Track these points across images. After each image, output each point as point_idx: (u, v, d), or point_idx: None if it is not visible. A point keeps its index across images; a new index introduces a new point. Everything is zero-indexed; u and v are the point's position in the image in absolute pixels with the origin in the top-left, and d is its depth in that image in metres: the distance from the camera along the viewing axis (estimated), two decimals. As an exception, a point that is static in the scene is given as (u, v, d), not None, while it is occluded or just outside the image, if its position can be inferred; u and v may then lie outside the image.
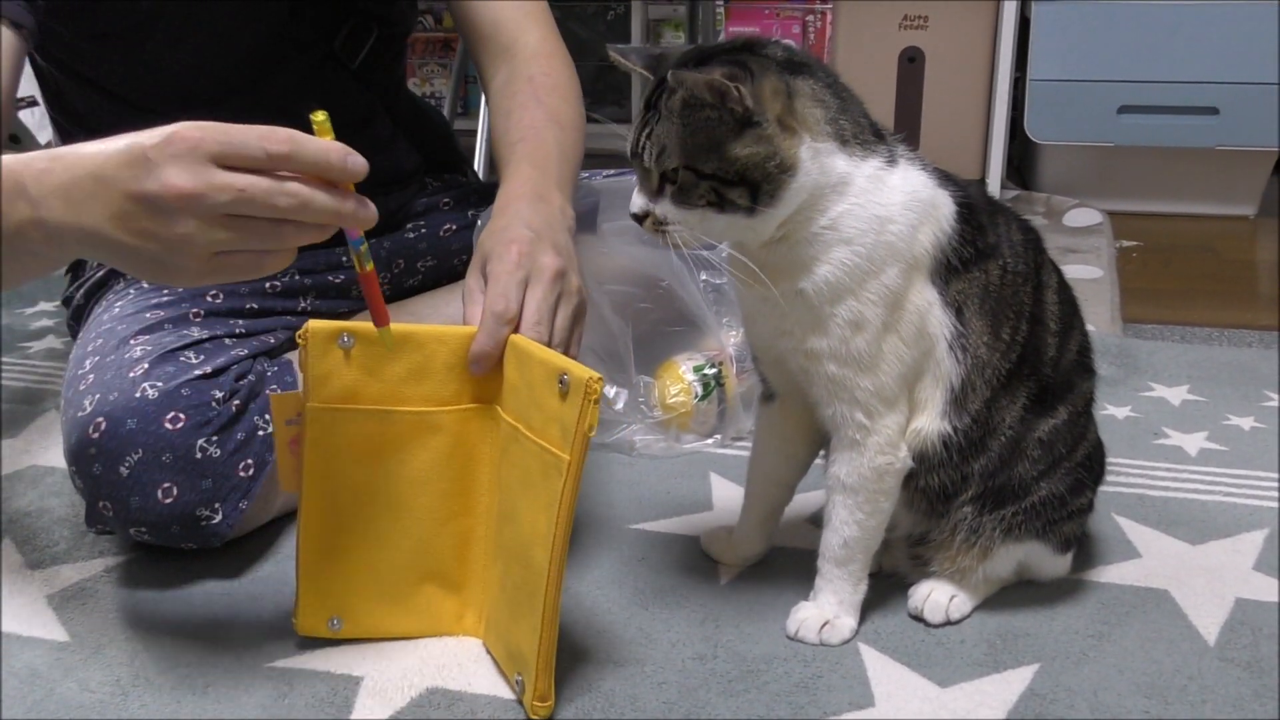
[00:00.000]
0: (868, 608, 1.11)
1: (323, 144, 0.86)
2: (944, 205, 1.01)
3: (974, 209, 1.04)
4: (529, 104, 1.29)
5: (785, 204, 0.95)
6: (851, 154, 0.97)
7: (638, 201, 0.98)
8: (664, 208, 0.97)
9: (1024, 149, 2.83)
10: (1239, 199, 2.64)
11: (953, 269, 1.01)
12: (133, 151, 0.84)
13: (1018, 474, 1.07)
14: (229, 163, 0.83)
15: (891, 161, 1.00)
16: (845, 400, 1.02)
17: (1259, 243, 2.53)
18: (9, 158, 0.90)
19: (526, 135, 1.25)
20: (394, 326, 1.01)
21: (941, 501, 1.08)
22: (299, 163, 0.85)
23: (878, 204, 0.98)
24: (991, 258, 1.04)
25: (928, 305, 1.00)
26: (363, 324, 1.03)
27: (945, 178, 1.04)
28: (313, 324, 1.01)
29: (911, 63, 2.60)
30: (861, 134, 0.99)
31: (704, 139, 0.93)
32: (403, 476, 1.05)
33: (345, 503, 1.05)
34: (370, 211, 0.89)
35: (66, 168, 0.87)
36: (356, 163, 0.87)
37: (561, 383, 0.92)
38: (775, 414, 1.14)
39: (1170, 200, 2.68)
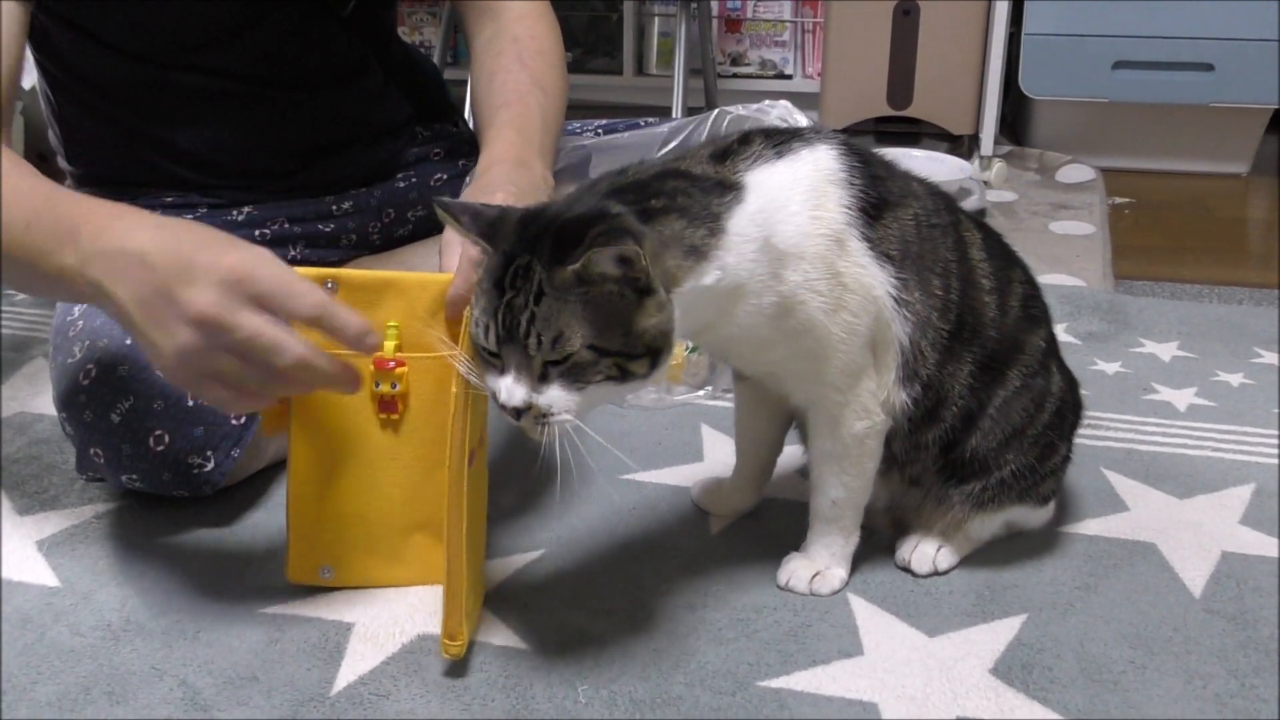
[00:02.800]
0: (857, 559, 1.11)
1: (347, 318, 0.91)
2: (825, 160, 0.97)
3: (864, 154, 1.00)
4: (513, 67, 1.28)
5: (674, 348, 0.91)
6: (711, 252, 0.90)
7: (516, 394, 0.87)
8: (552, 396, 0.87)
9: (1018, 104, 2.82)
10: (1232, 156, 2.63)
11: (869, 215, 0.97)
12: (183, 254, 0.89)
13: (974, 447, 1.06)
14: (263, 305, 0.89)
15: (740, 195, 0.92)
16: (815, 383, 1.01)
17: (1250, 200, 2.53)
18: (72, 197, 0.99)
19: (510, 100, 1.24)
20: (376, 273, 1.01)
21: (900, 469, 1.09)
22: (322, 328, 0.91)
23: (750, 240, 0.92)
24: (900, 205, 1.00)
25: (861, 267, 0.97)
26: (347, 270, 1.03)
27: (815, 136, 0.99)
28: (298, 270, 1.01)
29: (906, 16, 2.58)
30: (713, 222, 0.90)
31: (607, 315, 0.85)
32: (388, 424, 1.04)
33: (333, 452, 1.05)
34: (356, 387, 0.95)
35: (121, 234, 0.93)
36: (372, 344, 0.93)
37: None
38: (751, 386, 1.14)
39: (1163, 157, 2.67)
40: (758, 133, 0.98)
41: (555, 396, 0.87)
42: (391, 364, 1.01)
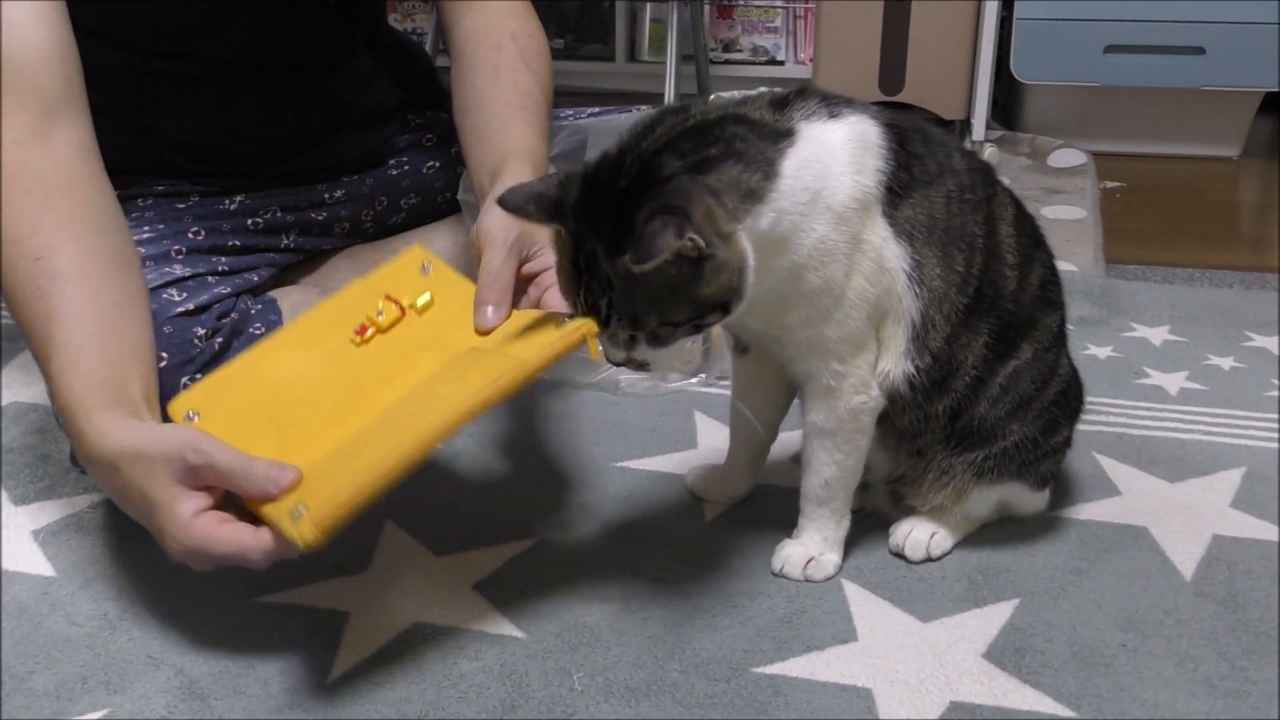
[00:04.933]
0: (850, 545, 1.12)
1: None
2: (869, 131, 0.98)
3: (902, 130, 1.01)
4: (519, 66, 1.28)
5: (751, 287, 0.92)
6: (767, 195, 0.92)
7: (615, 354, 0.96)
8: (642, 353, 0.95)
9: (1009, 89, 2.82)
10: (1223, 140, 2.64)
11: (895, 194, 0.99)
12: (135, 508, 0.93)
13: (982, 415, 1.07)
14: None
15: (794, 141, 0.94)
16: (818, 353, 1.02)
17: (1242, 184, 2.54)
18: (71, 395, 0.95)
19: (527, 104, 1.25)
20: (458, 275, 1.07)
21: (909, 440, 1.09)
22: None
23: (804, 189, 0.94)
24: (933, 185, 1.01)
25: (882, 240, 0.99)
26: (444, 266, 1.09)
27: (860, 107, 1.00)
28: (418, 246, 1.11)
29: (898, 1, 2.58)
30: (768, 167, 0.92)
31: (669, 294, 0.89)
32: (350, 341, 1.04)
33: (307, 349, 1.05)
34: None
35: (88, 457, 0.94)
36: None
37: (566, 318, 0.97)
38: (750, 363, 1.14)
39: (1154, 141, 2.67)
40: (814, 91, 1.00)
41: (646, 353, 0.95)
42: (397, 305, 1.05)
